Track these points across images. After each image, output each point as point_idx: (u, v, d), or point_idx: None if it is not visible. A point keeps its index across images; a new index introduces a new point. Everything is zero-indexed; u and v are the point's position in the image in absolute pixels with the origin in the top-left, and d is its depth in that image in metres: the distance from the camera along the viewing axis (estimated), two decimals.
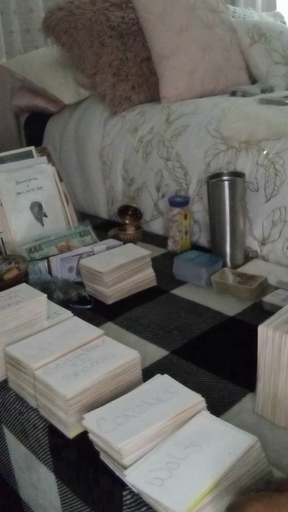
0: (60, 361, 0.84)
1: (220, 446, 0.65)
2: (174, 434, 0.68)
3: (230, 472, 0.61)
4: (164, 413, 0.70)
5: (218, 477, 0.60)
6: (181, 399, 0.73)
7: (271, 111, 1.44)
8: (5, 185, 1.39)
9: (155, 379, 0.78)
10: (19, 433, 0.89)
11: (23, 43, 2.34)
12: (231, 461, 0.62)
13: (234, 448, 0.64)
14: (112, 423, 0.69)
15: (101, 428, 0.69)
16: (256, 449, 0.65)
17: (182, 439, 0.67)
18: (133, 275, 1.24)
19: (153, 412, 0.70)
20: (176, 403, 0.72)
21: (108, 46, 1.78)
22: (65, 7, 1.84)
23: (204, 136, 1.50)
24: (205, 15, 1.89)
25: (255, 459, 0.64)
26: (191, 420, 0.70)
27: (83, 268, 1.25)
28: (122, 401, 0.74)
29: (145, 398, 0.73)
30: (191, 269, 1.27)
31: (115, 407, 0.72)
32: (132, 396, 0.75)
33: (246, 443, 0.64)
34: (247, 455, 0.63)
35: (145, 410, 0.71)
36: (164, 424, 0.69)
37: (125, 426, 0.68)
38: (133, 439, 0.66)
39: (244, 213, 1.34)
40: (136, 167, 1.69)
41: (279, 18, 2.60)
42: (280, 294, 1.13)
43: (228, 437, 0.66)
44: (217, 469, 0.61)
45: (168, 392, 0.74)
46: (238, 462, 0.62)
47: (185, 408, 0.71)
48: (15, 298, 0.97)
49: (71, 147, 1.95)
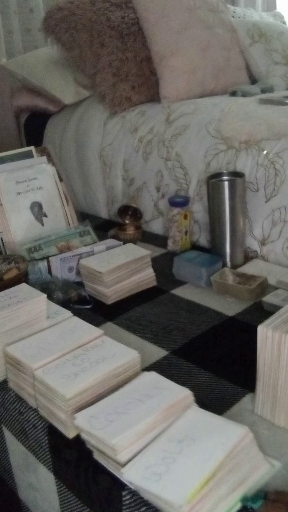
0: (60, 361, 0.84)
1: (212, 438, 0.66)
2: (167, 430, 0.69)
3: (224, 462, 0.63)
4: (155, 408, 0.72)
5: (213, 468, 0.62)
6: (170, 393, 0.75)
7: (271, 111, 1.44)
8: (5, 185, 1.39)
9: (143, 376, 0.80)
10: (19, 433, 0.89)
11: (23, 43, 2.34)
12: (224, 452, 0.64)
13: (226, 438, 0.66)
14: (104, 421, 0.70)
15: (94, 426, 0.70)
16: (247, 438, 0.67)
17: (176, 434, 0.68)
18: (133, 275, 1.24)
19: (143, 407, 0.72)
20: (165, 398, 0.74)
21: (108, 46, 1.78)
22: (65, 7, 1.84)
23: (204, 136, 1.50)
24: (205, 15, 1.89)
25: (248, 448, 0.66)
26: (183, 415, 0.72)
27: (83, 268, 1.25)
28: (112, 399, 0.75)
29: (135, 395, 0.75)
30: (191, 269, 1.27)
31: (105, 405, 0.74)
32: (122, 393, 0.76)
33: (237, 433, 0.66)
34: (240, 444, 0.65)
35: (135, 407, 0.72)
36: (155, 418, 0.70)
37: (117, 423, 0.69)
38: (126, 434, 0.67)
39: (244, 213, 1.34)
40: (136, 167, 1.69)
41: (279, 18, 2.60)
42: (280, 294, 1.13)
43: (220, 428, 0.68)
44: (212, 460, 0.63)
45: (156, 388, 0.76)
46: (232, 451, 0.64)
47: (174, 402, 0.73)
48: (15, 298, 0.97)
49: (71, 147, 1.95)
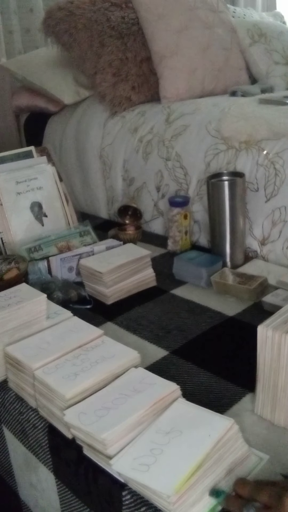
0: (60, 361, 0.84)
1: (199, 429, 0.67)
2: (154, 422, 0.70)
3: (211, 452, 0.64)
4: (143, 402, 0.73)
5: (200, 458, 0.63)
6: (158, 388, 0.75)
7: (271, 111, 1.44)
8: (5, 185, 1.39)
9: (130, 372, 0.81)
10: (19, 433, 0.89)
11: (23, 43, 2.34)
12: (211, 443, 0.65)
13: (213, 430, 0.67)
14: (93, 416, 0.71)
15: (83, 422, 0.71)
16: (233, 430, 0.68)
17: (163, 426, 0.69)
18: (133, 275, 1.24)
19: (132, 402, 0.73)
20: (153, 393, 0.74)
21: (108, 46, 1.78)
22: (65, 7, 1.84)
23: (204, 136, 1.50)
24: (205, 15, 1.89)
25: (234, 439, 0.67)
26: (170, 408, 0.73)
27: (83, 268, 1.25)
28: (100, 395, 0.76)
29: (123, 390, 0.76)
30: (191, 269, 1.27)
31: (94, 401, 0.75)
32: (110, 389, 0.77)
33: (224, 425, 0.67)
34: (226, 436, 0.66)
35: (124, 402, 0.73)
36: (144, 413, 0.71)
37: (106, 418, 0.70)
38: (115, 429, 0.68)
39: (244, 213, 1.34)
40: (136, 167, 1.69)
41: (279, 18, 2.60)
42: (280, 294, 1.13)
43: (206, 421, 0.69)
44: (199, 451, 0.64)
45: (144, 383, 0.77)
46: (218, 443, 0.65)
47: (162, 396, 0.74)
48: (15, 298, 0.97)
49: (71, 147, 1.95)
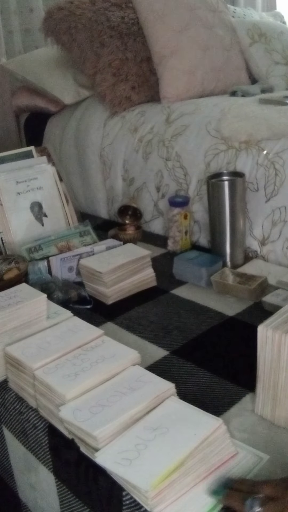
0: (60, 361, 0.84)
1: (186, 428, 0.68)
2: (143, 418, 0.71)
3: (194, 452, 0.64)
4: (137, 400, 0.73)
5: (183, 456, 0.64)
6: (153, 387, 0.76)
7: (271, 111, 1.44)
8: (5, 185, 1.39)
9: (127, 370, 0.81)
10: (19, 433, 0.89)
11: (23, 43, 2.34)
12: (196, 441, 0.65)
13: (200, 429, 0.67)
14: (88, 413, 0.72)
15: (77, 418, 0.71)
16: (221, 431, 0.68)
17: (151, 422, 0.70)
18: (133, 275, 1.24)
19: (126, 400, 0.74)
20: (148, 391, 0.75)
21: (108, 46, 1.78)
22: (65, 7, 1.84)
23: (204, 136, 1.50)
24: (205, 15, 1.89)
25: (220, 439, 0.68)
26: (161, 405, 0.74)
27: (83, 268, 1.25)
28: (96, 392, 0.77)
29: (119, 388, 0.77)
30: (191, 269, 1.27)
31: (90, 398, 0.75)
32: (106, 387, 0.78)
33: (211, 425, 0.68)
34: (212, 436, 0.67)
35: (119, 399, 0.74)
36: (138, 411, 0.72)
37: (101, 415, 0.71)
38: (108, 426, 0.69)
39: (244, 213, 1.34)
40: (136, 167, 1.69)
41: (279, 18, 2.60)
42: (280, 294, 1.13)
43: (195, 419, 0.69)
44: (182, 449, 0.64)
45: (140, 381, 0.78)
46: (203, 442, 0.66)
47: (157, 394, 0.75)
48: (15, 298, 0.96)
49: (71, 147, 1.95)
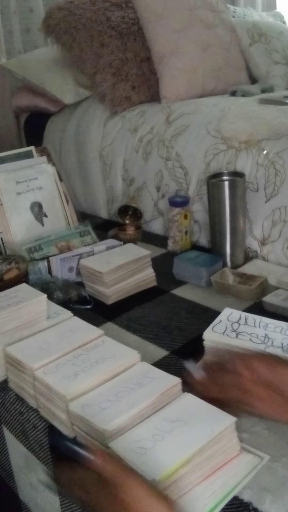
0: (60, 361, 0.84)
1: (203, 423, 0.69)
2: (163, 410, 0.73)
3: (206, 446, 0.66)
4: (145, 396, 0.74)
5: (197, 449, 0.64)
6: (160, 382, 0.77)
7: (271, 111, 1.44)
8: (5, 185, 1.39)
9: (135, 366, 0.82)
10: (19, 433, 0.89)
11: (23, 43, 2.33)
12: (210, 437, 0.66)
13: (216, 425, 0.68)
14: (97, 408, 0.73)
15: (87, 413, 0.72)
16: (230, 429, 0.69)
17: (170, 414, 0.71)
18: (133, 275, 1.24)
19: (134, 396, 0.75)
20: (155, 387, 0.76)
21: (108, 46, 1.78)
22: (65, 7, 1.84)
23: (204, 136, 1.50)
24: (205, 15, 1.89)
25: (228, 438, 0.69)
26: (180, 398, 0.75)
27: (83, 268, 1.25)
28: (105, 388, 0.77)
29: (126, 384, 0.78)
30: (191, 269, 1.27)
31: (98, 394, 0.76)
32: (114, 383, 0.79)
33: (226, 421, 0.69)
34: (223, 433, 0.68)
35: (127, 395, 0.75)
36: (146, 406, 0.73)
37: (109, 410, 0.72)
38: (118, 421, 0.70)
39: (244, 213, 1.34)
40: (136, 167, 1.69)
41: (279, 18, 2.60)
42: (280, 294, 1.13)
43: (211, 415, 0.70)
44: (196, 444, 0.65)
45: (147, 377, 0.79)
46: (215, 438, 0.67)
47: (164, 390, 0.76)
48: (15, 298, 0.96)
49: (71, 147, 1.95)
